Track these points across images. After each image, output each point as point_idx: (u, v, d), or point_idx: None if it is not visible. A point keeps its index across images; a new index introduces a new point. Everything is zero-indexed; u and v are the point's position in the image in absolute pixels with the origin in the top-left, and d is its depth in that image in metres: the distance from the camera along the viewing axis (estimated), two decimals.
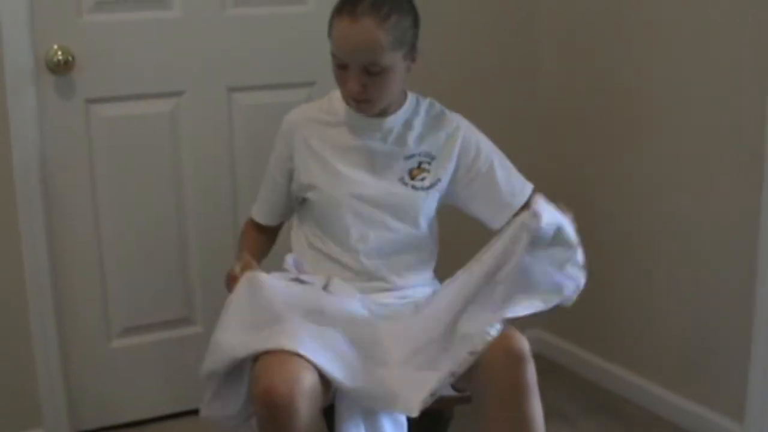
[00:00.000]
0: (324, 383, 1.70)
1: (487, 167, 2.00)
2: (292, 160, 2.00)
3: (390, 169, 1.95)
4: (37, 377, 2.37)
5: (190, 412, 2.57)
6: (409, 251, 1.97)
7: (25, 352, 2.35)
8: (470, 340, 1.68)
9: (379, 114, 1.95)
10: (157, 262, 2.50)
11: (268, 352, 1.67)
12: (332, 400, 1.76)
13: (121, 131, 2.39)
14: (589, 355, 2.84)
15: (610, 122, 2.66)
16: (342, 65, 1.85)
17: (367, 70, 1.83)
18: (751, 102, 2.23)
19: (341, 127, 1.98)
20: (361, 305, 1.89)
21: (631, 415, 2.62)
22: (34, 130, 2.26)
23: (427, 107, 2.02)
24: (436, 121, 2.01)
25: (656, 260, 2.57)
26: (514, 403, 1.71)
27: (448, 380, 1.70)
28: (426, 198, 1.96)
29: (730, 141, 2.32)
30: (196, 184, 2.49)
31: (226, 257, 2.28)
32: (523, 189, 2.01)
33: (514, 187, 2.01)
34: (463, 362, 1.67)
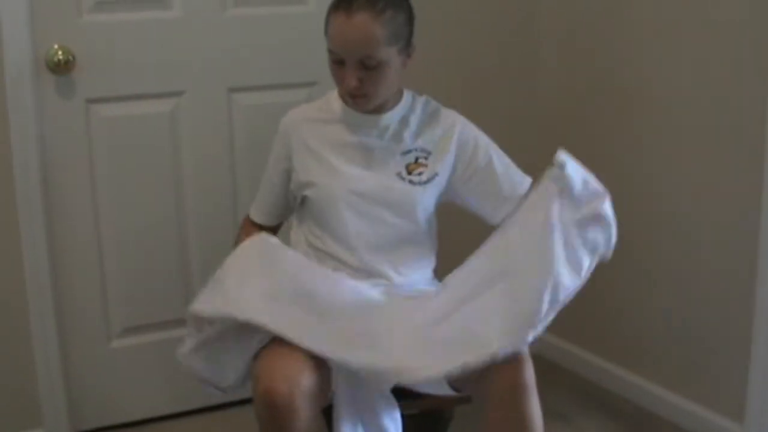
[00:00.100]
0: (324, 383, 1.71)
1: (486, 162, 2.00)
2: (290, 160, 2.01)
3: (387, 165, 1.96)
4: (37, 377, 2.37)
5: (190, 412, 2.58)
6: (407, 247, 1.97)
7: (25, 352, 2.35)
8: (477, 350, 1.66)
9: (375, 111, 1.95)
10: (157, 262, 2.50)
11: (268, 349, 1.68)
12: (332, 400, 1.76)
13: (121, 131, 2.39)
14: (589, 355, 2.84)
15: (610, 122, 2.66)
16: (338, 60, 1.86)
17: (364, 65, 1.84)
18: (751, 102, 2.23)
19: (338, 124, 1.98)
20: (369, 285, 1.89)
21: (631, 415, 2.62)
22: (34, 130, 2.26)
23: (423, 104, 2.02)
24: (432, 118, 2.01)
25: (656, 260, 2.57)
26: (513, 403, 1.71)
27: (456, 371, 1.67)
28: (423, 192, 1.96)
29: (730, 141, 2.32)
30: (196, 184, 2.50)
31: (226, 257, 2.27)
32: (522, 182, 2.01)
33: (514, 180, 2.01)
34: (463, 366, 1.66)
